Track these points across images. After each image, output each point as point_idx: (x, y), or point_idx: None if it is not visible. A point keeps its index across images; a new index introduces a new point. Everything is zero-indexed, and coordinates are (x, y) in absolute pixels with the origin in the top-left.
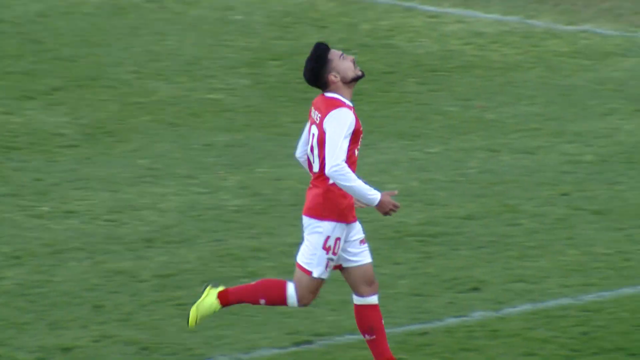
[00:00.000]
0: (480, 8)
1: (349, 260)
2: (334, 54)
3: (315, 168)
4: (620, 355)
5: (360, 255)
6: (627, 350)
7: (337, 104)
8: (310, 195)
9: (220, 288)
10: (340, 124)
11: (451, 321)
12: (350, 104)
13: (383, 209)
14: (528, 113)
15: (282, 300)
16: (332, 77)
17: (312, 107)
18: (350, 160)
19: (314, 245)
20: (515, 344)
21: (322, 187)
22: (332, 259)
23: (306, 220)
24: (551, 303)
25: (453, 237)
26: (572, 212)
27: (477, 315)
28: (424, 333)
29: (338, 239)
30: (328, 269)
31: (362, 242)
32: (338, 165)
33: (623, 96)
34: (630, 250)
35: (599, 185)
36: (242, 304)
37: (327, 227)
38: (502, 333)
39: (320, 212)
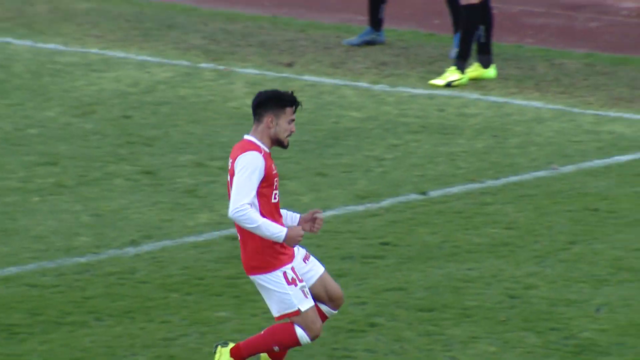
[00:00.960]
0: None
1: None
2: (290, 112)
3: None
4: None
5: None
6: None
7: (248, 148)
8: (247, 251)
9: (231, 345)
10: (246, 166)
11: None
12: (267, 150)
13: (292, 242)
14: None
15: (294, 341)
16: (270, 121)
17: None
18: (269, 206)
19: (280, 289)
20: None
21: (252, 239)
22: (304, 286)
23: (255, 278)
24: None
25: None
26: None
27: None
28: None
29: (292, 268)
30: (308, 296)
31: (305, 258)
32: (241, 207)
33: None
34: None
35: None
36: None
37: (277, 275)
38: None
39: (265, 266)
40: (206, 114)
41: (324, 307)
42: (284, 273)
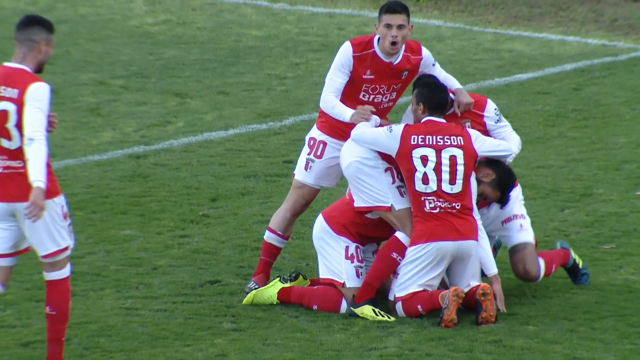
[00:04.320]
0: None
1: None
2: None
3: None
4: None
5: None
6: None
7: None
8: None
9: (286, 285)
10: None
11: None
12: None
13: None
14: None
15: (335, 309)
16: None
17: None
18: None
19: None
20: None
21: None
22: (359, 266)
23: None
24: None
25: None
26: None
27: None
28: None
29: (356, 247)
30: (360, 277)
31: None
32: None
33: None
34: None
35: None
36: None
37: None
38: None
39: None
40: (107, 33)
41: None
42: (346, 247)
